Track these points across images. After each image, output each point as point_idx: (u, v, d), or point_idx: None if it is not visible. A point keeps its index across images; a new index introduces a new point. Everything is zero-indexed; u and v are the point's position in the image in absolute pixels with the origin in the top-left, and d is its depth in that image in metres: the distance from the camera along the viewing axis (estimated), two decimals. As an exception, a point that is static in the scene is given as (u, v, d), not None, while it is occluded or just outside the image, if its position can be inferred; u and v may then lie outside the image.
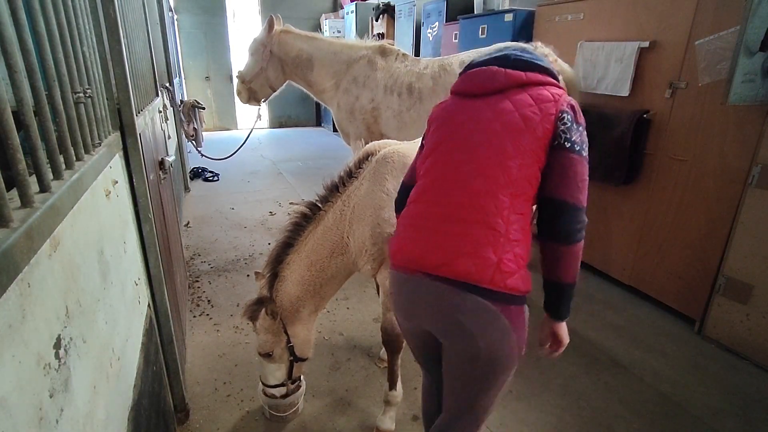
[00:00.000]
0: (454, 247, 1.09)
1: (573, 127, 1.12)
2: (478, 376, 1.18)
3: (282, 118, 10.06)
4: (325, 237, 1.72)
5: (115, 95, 1.40)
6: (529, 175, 1.11)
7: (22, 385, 0.63)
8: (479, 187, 1.10)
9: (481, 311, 1.09)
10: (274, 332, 1.74)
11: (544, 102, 1.13)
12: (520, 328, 1.15)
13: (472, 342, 1.12)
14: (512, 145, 1.10)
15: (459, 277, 1.07)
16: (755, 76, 2.15)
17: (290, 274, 1.73)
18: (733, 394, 2.17)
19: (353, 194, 1.72)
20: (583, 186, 1.13)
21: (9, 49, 0.69)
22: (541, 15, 3.47)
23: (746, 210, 2.31)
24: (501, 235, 1.08)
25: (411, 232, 1.19)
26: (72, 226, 0.90)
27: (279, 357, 1.78)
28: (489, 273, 1.06)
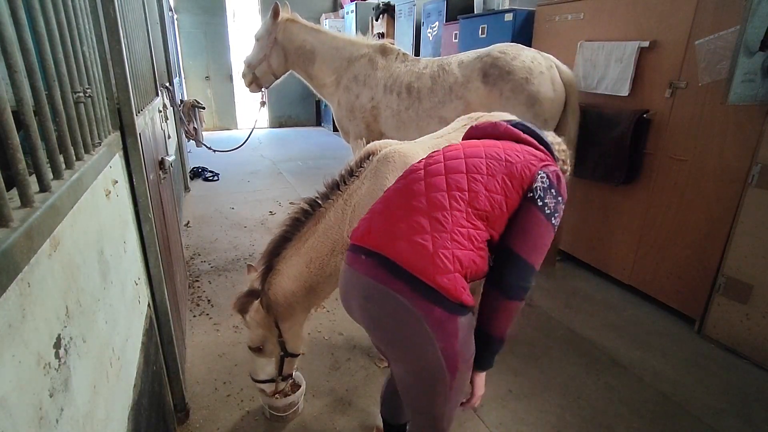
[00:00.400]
0: (396, 230, 1.12)
1: (550, 191, 1.18)
2: (409, 383, 1.20)
3: (282, 118, 10.05)
4: (326, 235, 1.72)
5: (115, 95, 1.40)
6: (493, 200, 1.14)
7: (22, 384, 0.63)
8: (441, 185, 1.16)
9: (402, 312, 1.07)
10: (266, 326, 1.71)
11: (530, 155, 1.22)
12: (447, 339, 1.08)
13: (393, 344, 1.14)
14: (486, 167, 1.18)
15: (392, 257, 1.08)
16: (755, 75, 2.15)
17: (287, 269, 1.72)
18: (732, 394, 2.17)
19: (354, 193, 1.73)
20: (542, 249, 1.17)
21: (9, 49, 0.69)
22: (541, 15, 3.47)
23: (746, 210, 2.31)
24: (445, 230, 1.09)
25: (368, 215, 1.25)
26: (72, 226, 0.90)
27: (270, 352, 1.76)
28: (422, 262, 1.05)
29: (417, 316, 1.05)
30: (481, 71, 2.85)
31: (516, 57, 2.79)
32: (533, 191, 1.17)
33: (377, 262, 1.11)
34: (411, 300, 1.05)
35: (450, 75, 2.98)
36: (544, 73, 2.77)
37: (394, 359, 1.19)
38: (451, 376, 1.13)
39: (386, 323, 1.12)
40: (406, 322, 1.07)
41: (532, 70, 2.75)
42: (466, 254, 1.09)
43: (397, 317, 1.08)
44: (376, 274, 1.10)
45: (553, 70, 2.82)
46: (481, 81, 2.85)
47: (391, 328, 1.11)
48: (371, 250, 1.13)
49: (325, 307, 2.87)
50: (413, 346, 1.10)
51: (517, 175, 1.17)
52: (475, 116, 2.15)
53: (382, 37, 6.69)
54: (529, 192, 1.17)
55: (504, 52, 2.83)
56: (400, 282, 1.06)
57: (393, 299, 1.07)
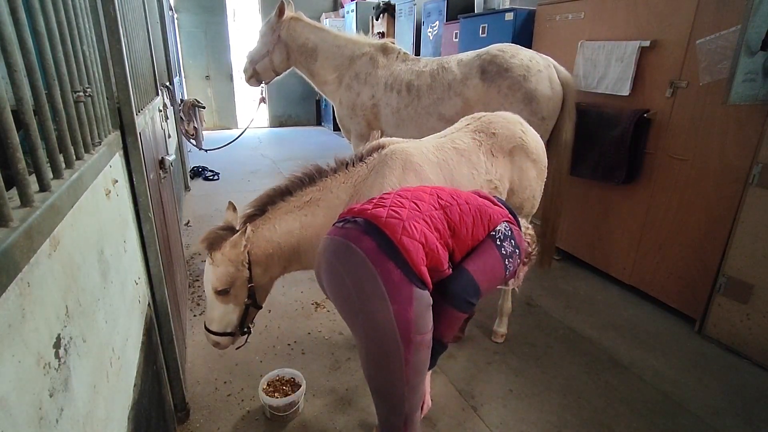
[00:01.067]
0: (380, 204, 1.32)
1: (510, 240, 1.40)
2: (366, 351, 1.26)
3: (282, 118, 10.05)
4: (326, 205, 1.73)
5: (115, 94, 1.40)
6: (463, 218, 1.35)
7: (22, 384, 0.63)
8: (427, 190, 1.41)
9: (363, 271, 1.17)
10: (237, 266, 1.63)
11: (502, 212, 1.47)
12: (401, 302, 1.17)
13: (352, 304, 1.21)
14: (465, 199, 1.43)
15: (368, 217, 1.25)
16: (756, 75, 2.15)
17: (278, 220, 1.70)
18: (733, 394, 2.17)
19: (360, 179, 1.76)
20: (490, 276, 1.35)
21: (9, 48, 0.69)
22: (541, 14, 3.47)
23: (747, 209, 2.30)
24: (419, 211, 1.29)
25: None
26: (72, 226, 0.90)
27: (235, 297, 1.67)
28: (392, 222, 1.22)
29: (374, 274, 1.16)
30: (480, 68, 2.89)
31: (514, 55, 2.84)
32: (495, 232, 1.40)
33: (353, 224, 1.26)
34: (374, 258, 1.16)
35: (449, 72, 3.02)
36: (542, 71, 2.80)
37: (352, 325, 1.27)
38: (405, 348, 1.19)
39: (346, 282, 1.19)
40: (365, 279, 1.16)
41: (530, 68, 2.79)
42: (431, 236, 1.25)
43: (357, 274, 1.18)
44: (350, 234, 1.23)
45: (551, 69, 2.85)
46: (479, 78, 2.89)
47: (351, 287, 1.19)
48: (353, 218, 1.28)
49: (325, 307, 2.87)
50: (368, 302, 1.17)
51: (487, 216, 1.40)
52: (478, 116, 2.17)
53: (383, 37, 6.70)
54: (492, 231, 1.39)
55: (502, 50, 2.89)
56: (369, 238, 1.19)
57: (357, 255, 1.18)
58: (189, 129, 4.63)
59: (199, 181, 5.87)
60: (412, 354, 1.20)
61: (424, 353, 1.24)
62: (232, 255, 1.62)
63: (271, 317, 2.75)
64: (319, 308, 2.86)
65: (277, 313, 2.80)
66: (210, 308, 1.68)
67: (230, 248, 1.61)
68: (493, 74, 2.83)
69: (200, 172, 6.01)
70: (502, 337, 2.52)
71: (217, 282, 1.62)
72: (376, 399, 1.36)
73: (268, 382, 2.07)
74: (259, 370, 2.27)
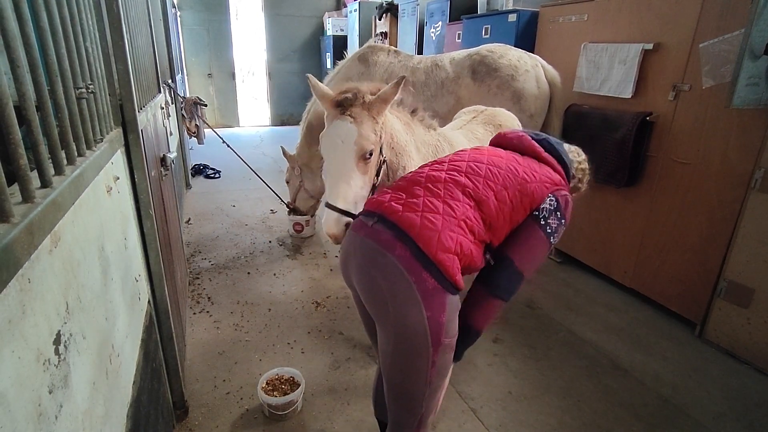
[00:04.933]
0: (411, 204, 1.19)
1: (555, 214, 1.29)
2: (393, 352, 1.20)
3: (284, 116, 10.06)
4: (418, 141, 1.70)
5: (117, 91, 1.40)
6: (501, 209, 1.24)
7: (22, 380, 0.63)
8: (460, 180, 1.24)
9: (396, 276, 1.12)
10: (377, 129, 1.43)
11: (546, 178, 1.31)
12: (434, 310, 1.14)
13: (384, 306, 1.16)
14: (503, 179, 1.27)
15: (402, 224, 1.15)
16: (759, 79, 2.14)
17: (394, 119, 1.56)
18: (733, 398, 2.16)
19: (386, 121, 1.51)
20: (536, 262, 1.29)
21: (12, 44, 0.69)
22: (544, 16, 3.46)
23: (748, 214, 2.30)
24: (454, 216, 1.18)
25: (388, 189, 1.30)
26: (73, 222, 0.90)
27: (371, 168, 1.45)
28: (427, 235, 1.13)
29: (408, 282, 1.12)
30: (471, 68, 3.01)
31: (503, 56, 2.95)
32: (539, 211, 1.28)
33: (385, 227, 1.17)
34: (408, 267, 1.11)
35: (442, 71, 3.11)
36: (529, 71, 2.93)
37: (382, 323, 1.21)
38: (434, 350, 1.17)
39: (381, 285, 1.16)
40: (399, 285, 1.13)
41: (518, 68, 2.91)
42: (466, 243, 1.18)
43: (392, 280, 1.13)
44: (381, 239, 1.15)
45: (539, 68, 2.97)
46: (470, 77, 3.01)
47: (385, 290, 1.15)
48: (384, 217, 1.18)
49: (325, 307, 2.87)
50: (401, 306, 1.14)
51: (529, 194, 1.27)
52: (480, 109, 2.22)
53: (385, 37, 6.71)
54: (535, 210, 1.28)
55: (492, 51, 3.00)
56: (404, 248, 1.12)
57: (391, 264, 1.13)
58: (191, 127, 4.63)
59: (200, 178, 5.87)
60: (438, 356, 1.19)
61: (448, 355, 1.23)
62: (380, 110, 1.41)
63: (271, 316, 2.75)
64: (319, 308, 2.86)
65: (277, 312, 2.80)
66: (340, 179, 1.37)
67: (380, 103, 1.40)
68: (483, 74, 2.95)
69: (201, 170, 6.02)
70: None
71: (364, 141, 1.36)
72: (393, 397, 1.32)
73: (267, 380, 2.07)
74: (258, 369, 2.27)
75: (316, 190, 3.92)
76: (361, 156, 1.38)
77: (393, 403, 1.32)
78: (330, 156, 1.39)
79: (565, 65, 3.20)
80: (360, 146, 1.37)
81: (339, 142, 1.36)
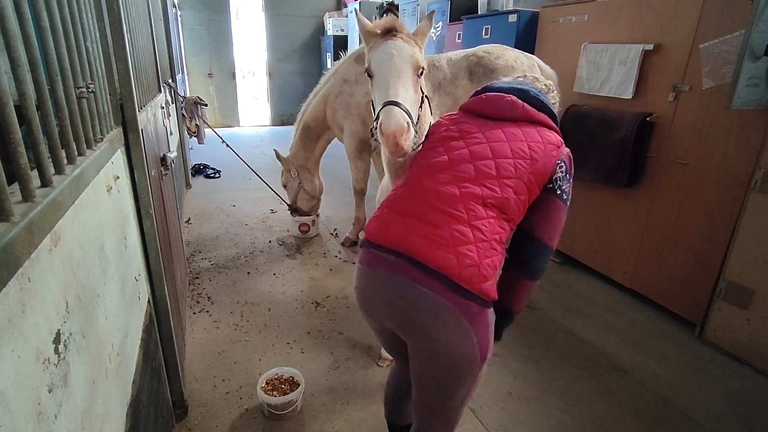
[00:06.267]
0: (438, 239, 1.08)
1: (566, 177, 1.23)
2: (439, 377, 1.17)
3: (284, 116, 10.07)
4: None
5: (117, 90, 1.40)
6: (518, 200, 1.16)
7: (21, 380, 0.63)
8: (477, 192, 1.14)
9: (438, 309, 1.07)
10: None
11: (550, 144, 1.22)
12: (482, 332, 1.12)
13: (429, 340, 1.11)
14: (515, 169, 1.16)
15: (436, 266, 1.06)
16: (759, 80, 2.14)
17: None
18: (733, 399, 2.16)
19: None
20: (559, 231, 1.25)
21: (12, 43, 0.69)
22: (545, 16, 3.46)
23: (748, 214, 2.30)
24: (485, 239, 1.11)
25: (397, 214, 1.17)
26: (73, 221, 0.90)
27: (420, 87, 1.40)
28: (468, 272, 1.06)
29: (455, 313, 1.06)
30: (467, 69, 3.01)
31: (500, 56, 2.94)
32: (553, 183, 1.21)
33: (410, 263, 1.08)
34: (448, 298, 1.06)
35: (440, 71, 3.10)
36: (526, 71, 2.88)
37: (422, 352, 1.15)
38: (482, 363, 1.16)
39: (419, 319, 1.09)
40: (444, 318, 1.07)
41: (515, 68, 2.90)
42: (498, 259, 1.14)
43: (433, 313, 1.07)
44: (409, 275, 1.08)
45: (535, 69, 2.95)
46: (467, 78, 3.00)
47: (426, 324, 1.09)
48: (411, 257, 1.08)
49: (325, 307, 2.87)
50: (448, 336, 1.09)
51: (541, 171, 1.19)
52: None
53: (386, 37, 6.71)
54: (549, 184, 1.20)
55: (488, 51, 3.00)
56: (438, 283, 1.06)
57: (429, 298, 1.06)
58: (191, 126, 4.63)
59: (201, 178, 5.88)
60: (484, 367, 1.18)
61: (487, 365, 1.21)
62: (423, 41, 1.42)
63: (271, 316, 2.75)
64: (318, 308, 2.86)
65: (276, 311, 2.80)
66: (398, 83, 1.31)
67: (422, 35, 1.42)
68: (480, 75, 2.95)
69: (201, 169, 6.02)
70: None
71: (417, 55, 1.35)
72: (429, 412, 1.27)
73: (267, 380, 2.07)
74: (257, 369, 2.27)
75: (315, 189, 3.92)
76: (415, 68, 1.33)
77: (428, 417, 1.27)
78: (385, 65, 1.32)
79: (566, 66, 3.20)
80: (414, 59, 1.33)
81: (394, 53, 1.32)
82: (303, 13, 9.53)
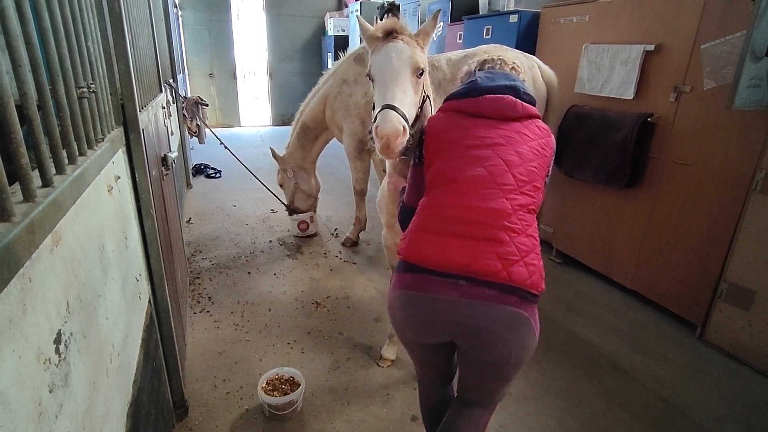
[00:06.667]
0: (509, 254, 1.13)
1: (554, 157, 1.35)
2: (503, 375, 1.25)
3: (285, 116, 10.06)
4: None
5: (118, 90, 1.40)
6: (539, 196, 1.25)
7: (22, 380, 0.63)
8: (522, 201, 1.19)
9: (517, 321, 1.14)
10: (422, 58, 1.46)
11: (547, 137, 1.31)
12: (538, 325, 1.22)
13: (506, 350, 1.17)
14: (538, 170, 1.24)
15: (511, 282, 1.12)
16: (761, 81, 2.14)
17: None
18: (734, 400, 2.16)
19: None
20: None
21: (14, 43, 0.69)
22: (546, 16, 3.46)
23: (749, 215, 2.30)
24: (537, 244, 1.20)
25: (452, 236, 1.16)
26: (74, 221, 0.90)
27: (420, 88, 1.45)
28: (535, 278, 1.15)
29: (527, 319, 1.15)
30: None
31: None
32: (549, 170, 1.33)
33: (486, 285, 1.12)
34: (522, 307, 1.14)
35: (439, 72, 3.10)
36: (526, 72, 2.94)
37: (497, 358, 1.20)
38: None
39: (499, 331, 1.15)
40: (520, 325, 1.15)
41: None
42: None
43: (513, 325, 1.14)
44: (487, 295, 1.13)
45: (535, 69, 2.96)
46: None
47: (505, 334, 1.15)
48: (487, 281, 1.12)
49: (325, 307, 2.87)
50: (524, 340, 1.17)
51: (548, 162, 1.31)
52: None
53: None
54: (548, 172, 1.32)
55: (487, 52, 2.99)
56: (514, 296, 1.13)
57: (506, 311, 1.13)
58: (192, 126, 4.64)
59: (201, 178, 5.88)
60: None
61: None
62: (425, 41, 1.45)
63: (271, 316, 2.75)
64: (319, 308, 2.86)
65: (277, 311, 2.80)
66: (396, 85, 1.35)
67: (424, 35, 1.46)
68: None
69: (202, 169, 6.03)
70: None
71: (417, 57, 1.38)
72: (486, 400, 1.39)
73: (267, 380, 2.07)
74: (258, 369, 2.27)
75: (312, 188, 3.93)
76: (414, 69, 1.37)
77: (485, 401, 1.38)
78: (384, 68, 1.37)
79: (567, 66, 3.20)
80: (414, 60, 1.37)
81: (393, 55, 1.37)
82: (304, 13, 9.54)
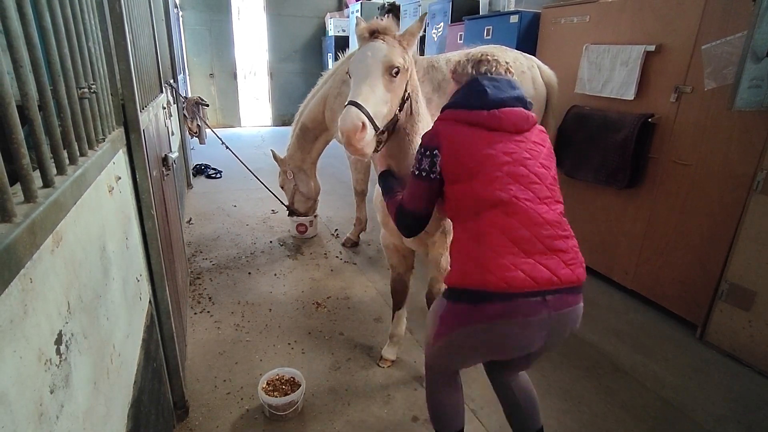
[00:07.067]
0: (572, 259, 1.26)
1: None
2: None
3: (285, 116, 10.07)
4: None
5: (119, 91, 1.40)
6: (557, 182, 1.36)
7: (23, 380, 0.63)
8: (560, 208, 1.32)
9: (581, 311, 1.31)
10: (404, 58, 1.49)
11: (547, 138, 1.42)
12: None
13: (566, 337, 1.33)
14: (554, 173, 1.36)
15: (580, 282, 1.27)
16: (762, 81, 2.14)
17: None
18: (734, 401, 2.16)
19: None
20: None
21: (15, 44, 0.69)
22: (546, 17, 3.46)
23: (750, 216, 2.30)
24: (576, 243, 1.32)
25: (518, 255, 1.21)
26: (75, 222, 0.90)
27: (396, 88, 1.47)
28: (583, 271, 1.29)
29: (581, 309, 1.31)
30: None
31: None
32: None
33: (566, 292, 1.24)
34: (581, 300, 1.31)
35: (438, 72, 3.08)
36: (525, 72, 2.92)
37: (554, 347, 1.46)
38: None
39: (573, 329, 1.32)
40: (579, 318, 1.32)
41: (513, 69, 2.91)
42: None
43: (581, 317, 1.31)
44: (570, 302, 1.25)
45: (535, 70, 2.95)
46: None
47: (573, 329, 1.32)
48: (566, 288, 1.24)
49: (326, 307, 2.87)
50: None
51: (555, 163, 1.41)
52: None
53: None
54: None
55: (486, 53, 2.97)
56: (581, 293, 1.29)
57: (580, 309, 1.30)
58: (192, 127, 4.64)
59: (202, 178, 5.88)
60: None
61: None
62: (409, 42, 1.49)
63: (272, 316, 2.75)
64: (319, 308, 2.86)
65: (277, 312, 2.80)
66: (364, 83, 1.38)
67: (409, 36, 1.50)
68: None
69: (203, 170, 6.03)
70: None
71: (392, 56, 1.40)
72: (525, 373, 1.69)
73: (268, 381, 2.07)
74: (258, 369, 2.27)
75: (311, 191, 3.92)
76: (387, 68, 1.40)
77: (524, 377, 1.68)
78: (358, 68, 1.42)
79: (567, 67, 3.20)
80: (387, 59, 1.40)
81: (368, 54, 1.42)
82: (304, 14, 9.54)
